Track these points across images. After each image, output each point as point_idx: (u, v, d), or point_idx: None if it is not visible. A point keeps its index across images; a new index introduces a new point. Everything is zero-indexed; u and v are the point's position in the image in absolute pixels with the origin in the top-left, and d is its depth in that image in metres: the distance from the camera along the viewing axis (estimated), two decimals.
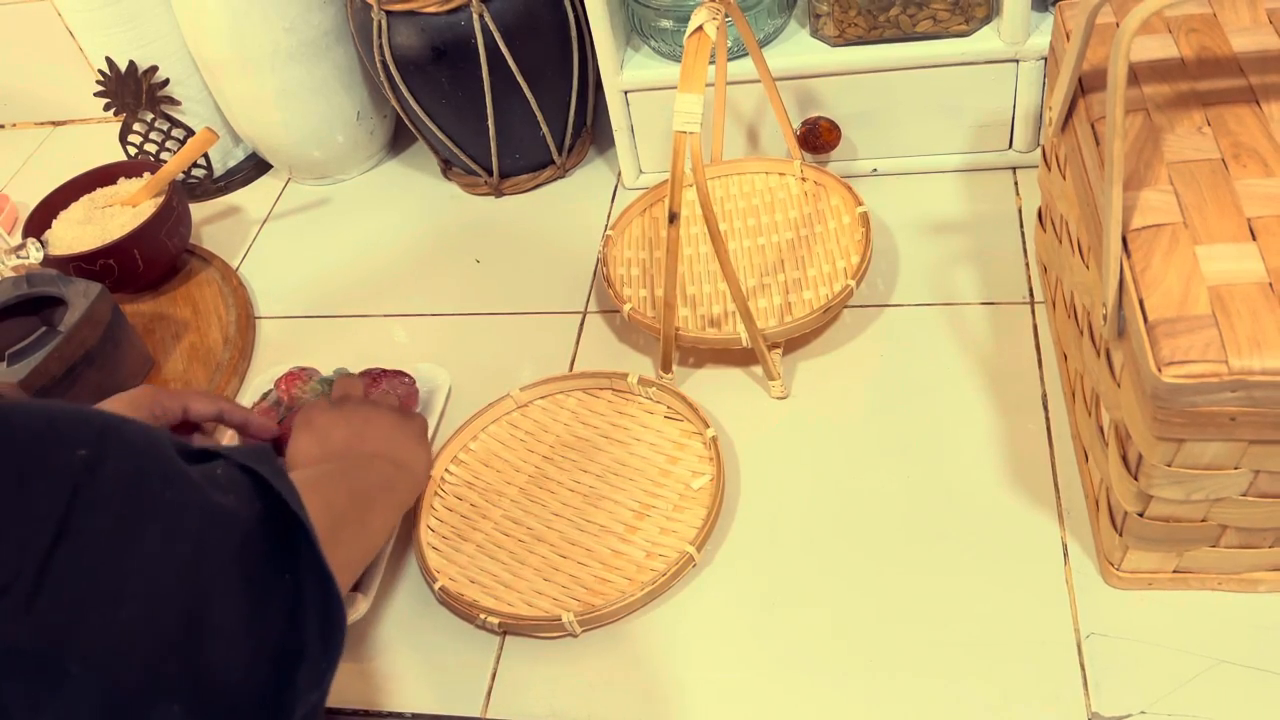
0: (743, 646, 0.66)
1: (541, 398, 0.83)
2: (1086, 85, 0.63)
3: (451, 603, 0.71)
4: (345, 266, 1.03)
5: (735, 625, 0.68)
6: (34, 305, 0.88)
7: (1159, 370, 0.49)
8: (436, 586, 0.72)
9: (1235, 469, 0.53)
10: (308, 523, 0.44)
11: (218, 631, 0.39)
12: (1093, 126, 0.61)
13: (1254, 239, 0.53)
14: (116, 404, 0.69)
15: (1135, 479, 0.56)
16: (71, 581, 0.35)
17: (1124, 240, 0.55)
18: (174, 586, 0.38)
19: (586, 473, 0.77)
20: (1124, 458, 0.58)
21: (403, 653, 0.71)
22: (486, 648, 0.70)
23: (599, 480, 0.76)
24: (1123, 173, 0.53)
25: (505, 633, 0.70)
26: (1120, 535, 0.61)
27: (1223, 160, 0.57)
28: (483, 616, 0.69)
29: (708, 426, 0.76)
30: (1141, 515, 0.58)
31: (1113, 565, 0.64)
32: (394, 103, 1.00)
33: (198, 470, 0.43)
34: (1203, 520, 0.58)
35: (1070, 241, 0.69)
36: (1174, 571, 0.63)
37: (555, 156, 1.04)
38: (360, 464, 0.68)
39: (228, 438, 0.81)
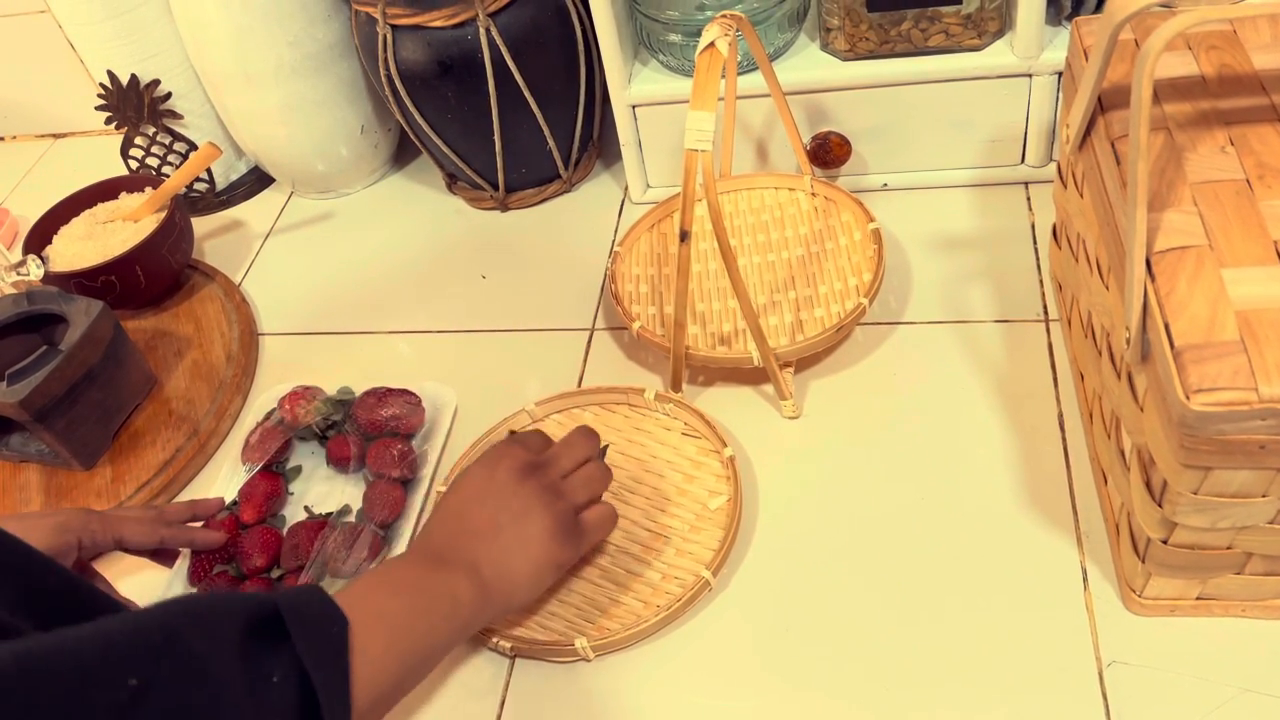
0: (758, 672, 0.65)
1: (557, 412, 0.82)
2: (1106, 103, 0.62)
3: None
4: (349, 282, 1.02)
5: (750, 650, 0.67)
6: (34, 323, 0.87)
7: (1187, 398, 0.48)
8: None
9: (1263, 497, 0.52)
10: None
11: None
12: (1113, 145, 0.60)
13: None
14: (44, 528, 0.65)
15: (1160, 506, 0.55)
16: None
17: (1147, 263, 0.53)
18: None
19: None
20: (1147, 484, 0.57)
21: None
22: (496, 670, 0.69)
23: (614, 498, 0.75)
24: (1147, 194, 0.52)
25: (515, 655, 0.69)
26: (1142, 561, 0.60)
27: (1247, 181, 0.56)
28: (494, 640, 0.68)
29: (725, 445, 0.75)
30: (1165, 542, 0.57)
31: (1134, 591, 0.62)
32: (399, 117, 0.99)
33: (256, 672, 0.41)
34: (1228, 548, 0.57)
35: (1088, 260, 0.67)
36: (1197, 598, 0.61)
37: (562, 171, 1.03)
38: (441, 598, 0.57)
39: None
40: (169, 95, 1.06)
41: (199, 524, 0.76)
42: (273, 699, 0.42)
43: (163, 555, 0.75)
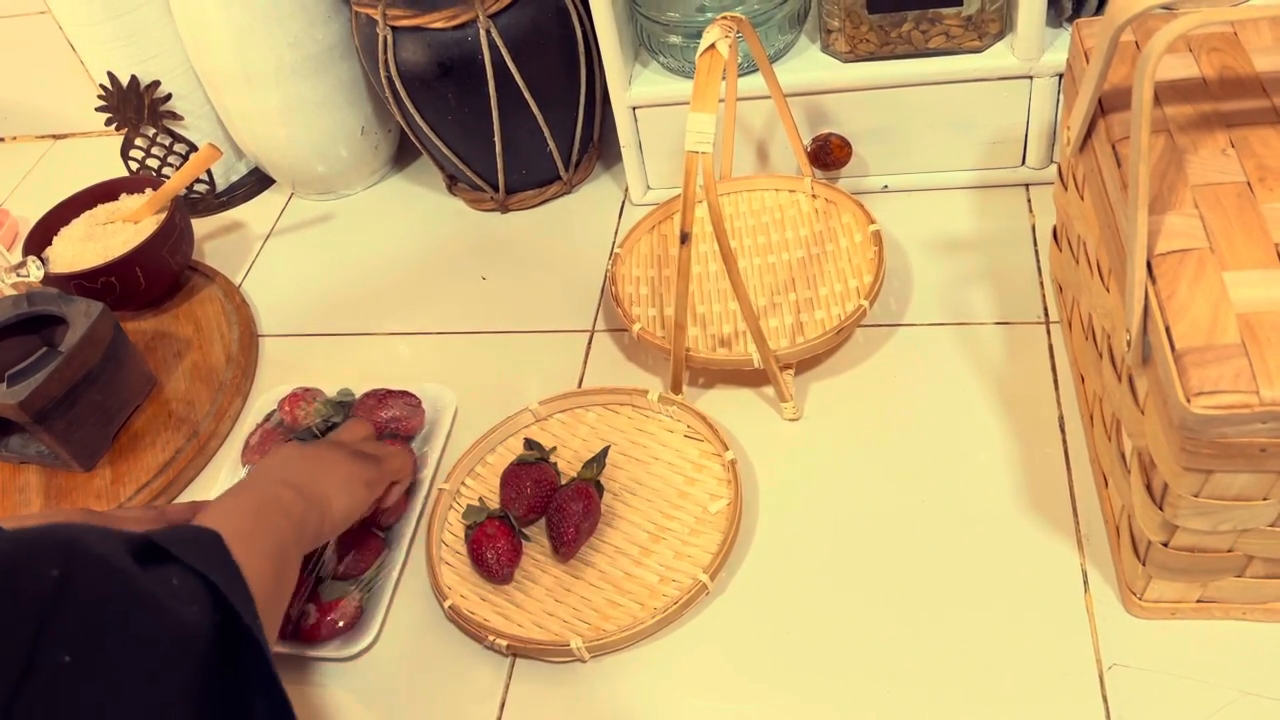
0: (758, 675, 0.65)
1: (561, 412, 0.82)
2: (1107, 105, 0.62)
3: (460, 622, 0.70)
4: (349, 283, 1.01)
5: (748, 654, 0.66)
6: (34, 324, 0.87)
7: (1188, 401, 0.48)
8: (446, 604, 0.71)
9: (1264, 500, 0.52)
10: (263, 640, 0.44)
11: None
12: (1114, 147, 0.60)
13: None
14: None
15: (1160, 509, 0.55)
16: (40, 716, 0.35)
17: (1148, 265, 0.53)
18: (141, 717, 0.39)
19: (603, 490, 0.76)
20: (1148, 486, 0.56)
21: (412, 674, 0.70)
22: (497, 669, 0.69)
23: (615, 499, 0.75)
24: (1148, 196, 0.51)
25: (512, 654, 0.69)
26: (1143, 564, 0.60)
27: (1248, 183, 0.56)
28: (491, 638, 0.68)
29: (727, 449, 0.75)
30: (1166, 545, 0.57)
31: (1135, 594, 0.62)
32: (399, 118, 0.99)
33: (155, 579, 0.43)
34: (1229, 550, 0.56)
35: (1089, 262, 0.67)
36: (1198, 601, 0.61)
37: (562, 172, 1.03)
38: (270, 504, 0.62)
39: None
40: (169, 96, 1.06)
41: None
42: (181, 595, 0.44)
43: None
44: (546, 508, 0.74)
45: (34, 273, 0.94)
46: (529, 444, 0.78)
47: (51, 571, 0.38)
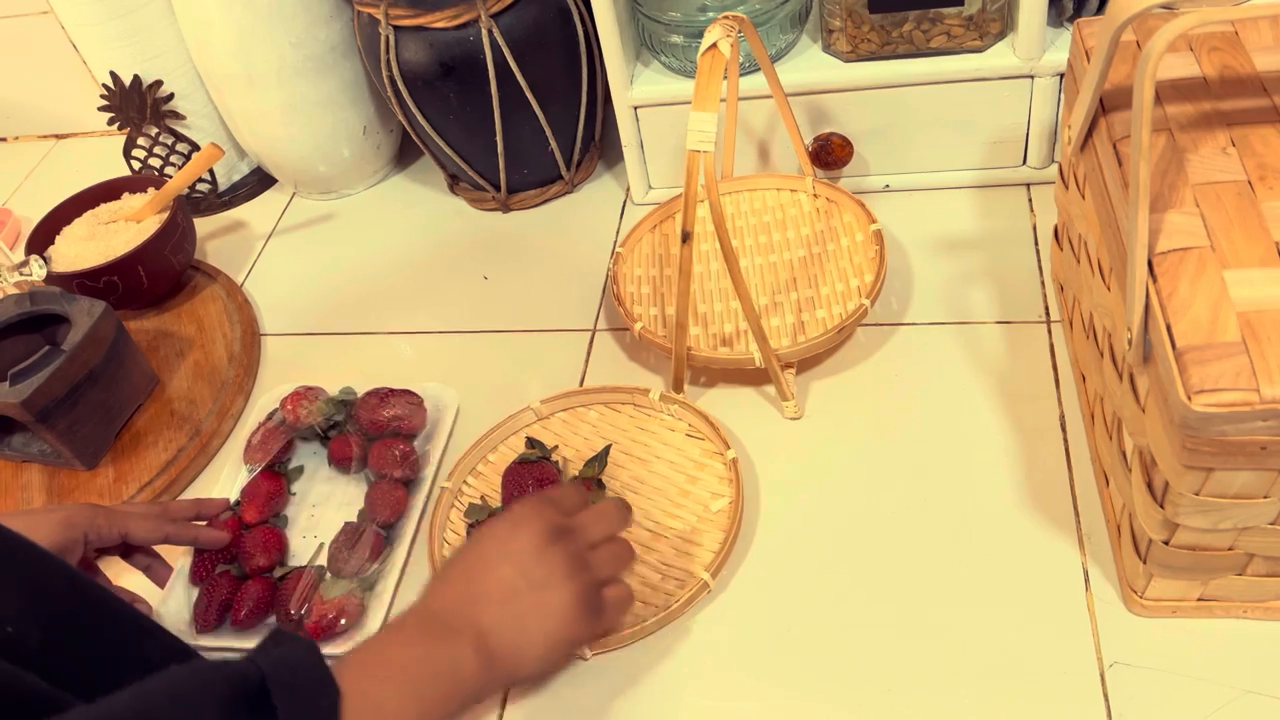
0: (757, 674, 0.65)
1: (562, 410, 0.82)
2: (1107, 104, 0.63)
3: None
4: (351, 282, 1.02)
5: (750, 652, 0.67)
6: (37, 323, 0.87)
7: (1189, 399, 0.48)
8: None
9: (1265, 498, 0.52)
10: None
11: None
12: (1114, 146, 0.60)
13: None
14: (50, 524, 0.63)
15: (1161, 507, 0.55)
16: None
17: (1149, 264, 0.53)
18: None
19: (605, 489, 0.76)
20: (1149, 485, 0.57)
21: None
22: None
23: (617, 497, 0.75)
24: (1149, 195, 0.52)
25: None
26: (1144, 562, 0.60)
27: (1249, 182, 0.56)
28: None
29: (729, 447, 0.75)
30: (1167, 543, 0.57)
31: (1136, 593, 0.62)
32: (401, 118, 0.99)
33: None
34: (1230, 549, 0.57)
35: (1090, 261, 0.68)
36: (1199, 599, 0.61)
37: (564, 172, 1.03)
38: (442, 677, 0.51)
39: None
40: (171, 96, 1.06)
41: (203, 523, 0.76)
42: None
43: (156, 572, 0.75)
44: None
45: (36, 272, 0.94)
46: (531, 443, 0.79)
47: None
